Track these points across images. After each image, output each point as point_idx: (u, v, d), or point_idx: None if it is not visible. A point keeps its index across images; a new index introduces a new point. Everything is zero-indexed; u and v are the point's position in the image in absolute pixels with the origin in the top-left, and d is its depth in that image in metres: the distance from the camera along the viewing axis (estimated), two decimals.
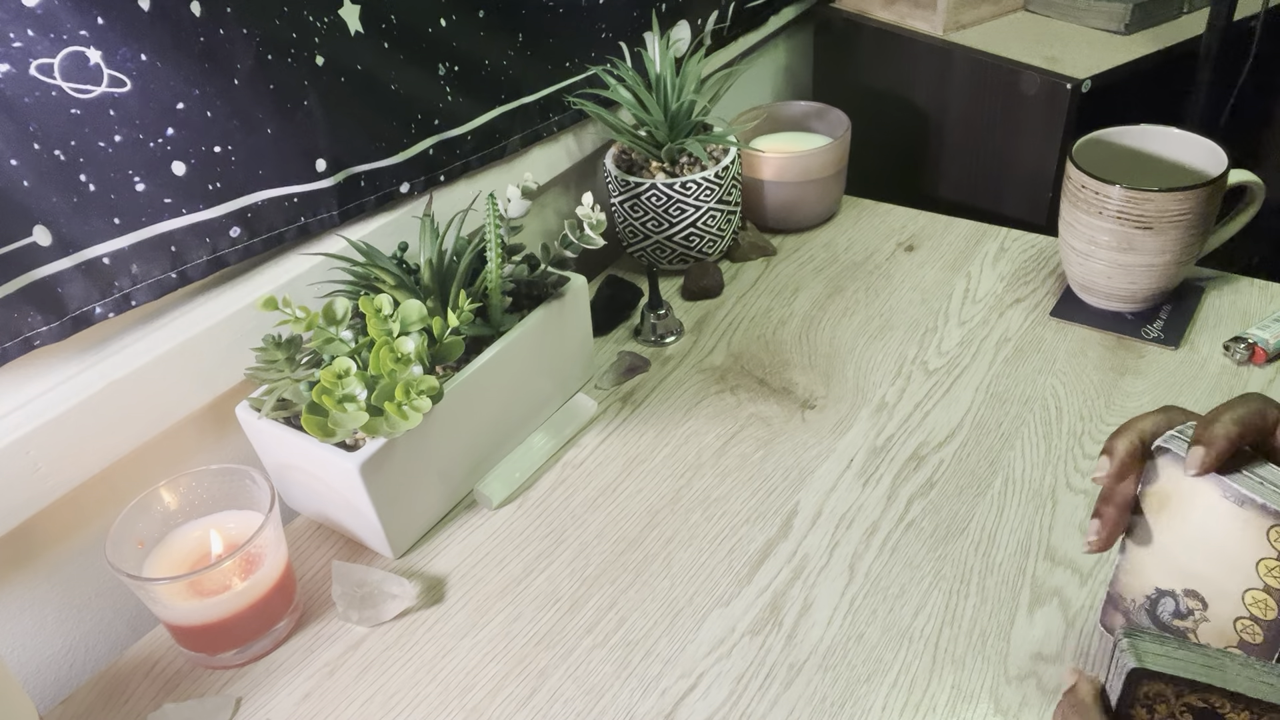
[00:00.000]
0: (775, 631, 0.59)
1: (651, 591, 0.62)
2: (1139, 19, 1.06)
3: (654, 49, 0.92)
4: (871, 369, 0.79)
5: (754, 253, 0.95)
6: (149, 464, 0.66)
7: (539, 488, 0.71)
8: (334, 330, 0.63)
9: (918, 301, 0.86)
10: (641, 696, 0.56)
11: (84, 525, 0.64)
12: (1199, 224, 0.74)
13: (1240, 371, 0.74)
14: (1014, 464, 0.68)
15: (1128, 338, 0.78)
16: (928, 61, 1.11)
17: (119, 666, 0.62)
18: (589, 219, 0.71)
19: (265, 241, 0.68)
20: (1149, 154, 0.81)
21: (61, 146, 0.56)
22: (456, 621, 0.62)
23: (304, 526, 0.70)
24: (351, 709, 0.57)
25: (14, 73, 0.54)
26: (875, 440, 0.72)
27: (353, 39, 0.69)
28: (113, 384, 0.60)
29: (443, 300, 0.68)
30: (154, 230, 0.62)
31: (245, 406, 0.65)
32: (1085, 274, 0.79)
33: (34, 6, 0.53)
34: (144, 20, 0.57)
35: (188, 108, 0.61)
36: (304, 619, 0.63)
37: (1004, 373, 0.77)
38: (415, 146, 0.76)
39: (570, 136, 0.92)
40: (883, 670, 0.56)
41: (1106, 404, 0.73)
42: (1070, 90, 0.97)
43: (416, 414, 0.60)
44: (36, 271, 0.57)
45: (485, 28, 0.80)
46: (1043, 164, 1.03)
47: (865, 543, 0.64)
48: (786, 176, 0.94)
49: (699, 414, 0.76)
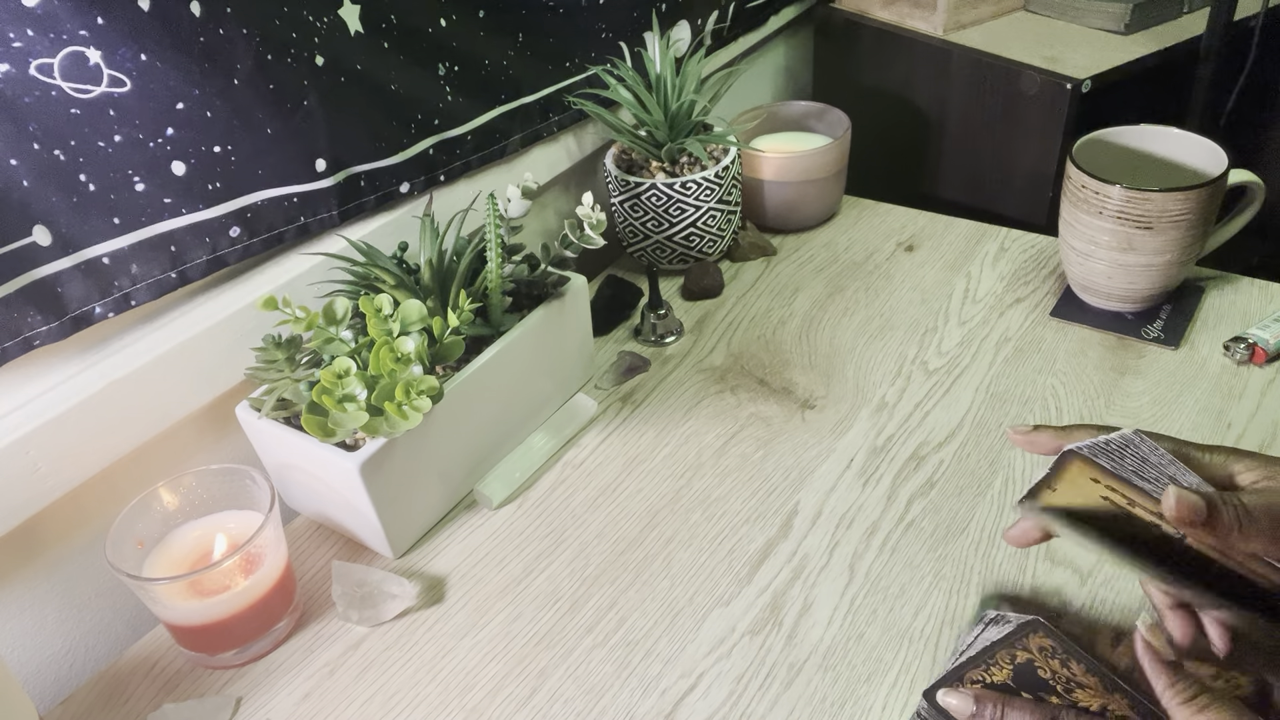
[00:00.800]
0: (775, 631, 0.59)
1: (651, 591, 0.62)
2: (1139, 19, 1.06)
3: (654, 49, 0.92)
4: (871, 369, 0.79)
5: (754, 253, 0.95)
6: (149, 464, 0.66)
7: (539, 488, 0.71)
8: (334, 330, 0.63)
9: (918, 301, 0.86)
10: (641, 696, 0.56)
11: (84, 525, 0.64)
12: (1199, 224, 0.74)
13: (1240, 371, 0.74)
14: (1014, 464, 0.68)
15: (1128, 338, 0.78)
16: (928, 61, 1.11)
17: (119, 666, 0.62)
18: (589, 219, 0.71)
19: (265, 241, 0.68)
20: (1149, 154, 0.81)
21: (61, 146, 0.56)
22: (456, 621, 0.62)
23: (304, 526, 0.70)
24: (351, 709, 0.57)
25: (14, 73, 0.54)
26: (875, 440, 0.72)
27: (353, 39, 0.69)
28: (113, 384, 0.60)
29: (443, 300, 0.68)
30: (154, 230, 0.62)
31: (245, 406, 0.65)
32: (1085, 274, 0.79)
33: (34, 6, 0.53)
34: (144, 20, 0.57)
35: (188, 108, 0.61)
36: (304, 619, 0.63)
37: (1004, 373, 0.77)
38: (415, 146, 0.76)
39: (570, 136, 0.92)
40: (883, 670, 0.56)
41: (1107, 404, 0.73)
42: (1070, 90, 0.97)
43: (416, 414, 0.60)
44: (36, 271, 0.57)
45: (485, 28, 0.80)
46: (1043, 164, 1.03)
47: (865, 543, 0.64)
48: (786, 176, 0.94)
49: (699, 414, 0.76)
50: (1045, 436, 0.47)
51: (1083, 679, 0.42)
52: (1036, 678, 0.43)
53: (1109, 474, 0.42)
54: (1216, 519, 0.39)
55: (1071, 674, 0.42)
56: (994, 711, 0.41)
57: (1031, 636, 0.43)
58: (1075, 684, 0.42)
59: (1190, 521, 0.39)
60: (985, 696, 0.42)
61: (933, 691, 0.45)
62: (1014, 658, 0.43)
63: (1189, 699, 0.38)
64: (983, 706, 0.41)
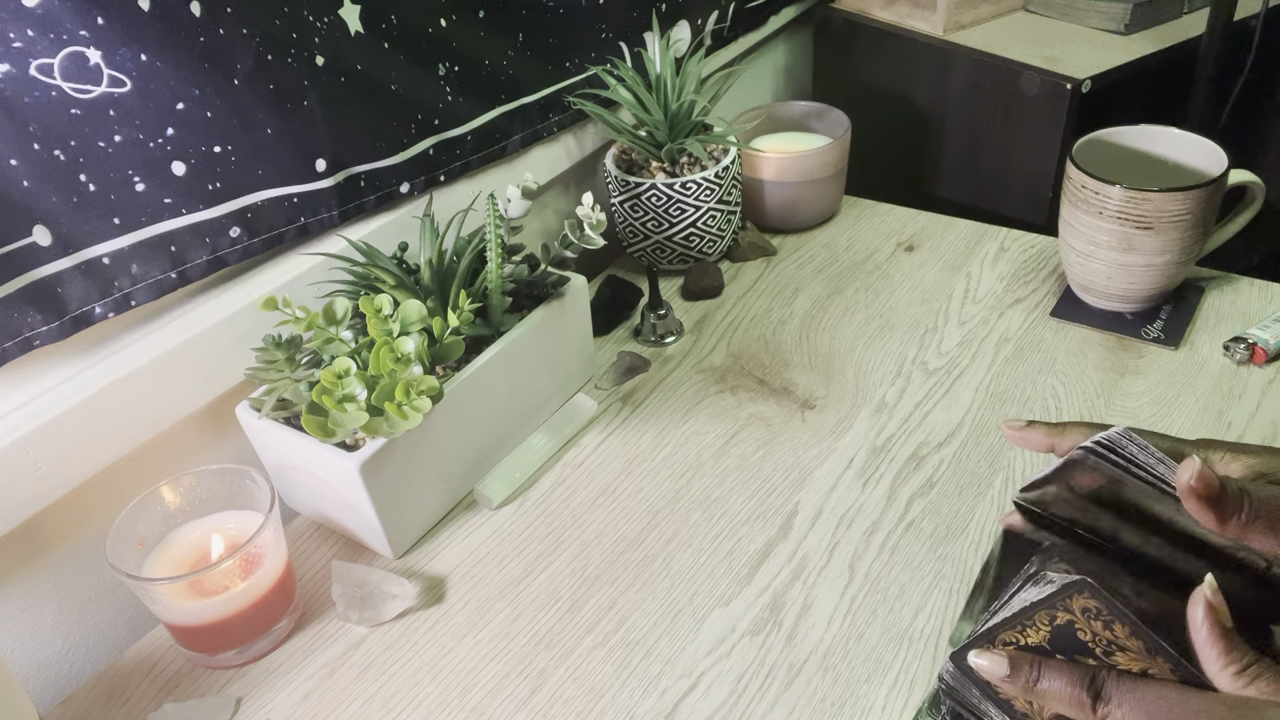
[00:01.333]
0: (775, 632, 0.59)
1: (651, 591, 0.62)
2: (1139, 19, 1.06)
3: (654, 49, 0.92)
4: (871, 369, 0.79)
5: (754, 253, 0.95)
6: (149, 464, 0.66)
7: (539, 488, 0.71)
8: (334, 330, 0.63)
9: (918, 301, 0.86)
10: (641, 696, 0.56)
11: (84, 525, 0.64)
12: (1199, 224, 0.74)
13: (1240, 371, 0.74)
14: (1014, 464, 0.68)
15: (1128, 338, 0.78)
16: (928, 61, 1.11)
17: (119, 666, 0.62)
18: (589, 219, 0.71)
19: (265, 241, 0.68)
20: (1149, 154, 0.81)
21: (61, 146, 0.56)
22: (456, 621, 0.62)
23: (304, 526, 0.70)
24: (351, 709, 0.57)
25: (14, 73, 0.54)
26: (875, 440, 0.72)
27: (353, 39, 0.69)
28: (113, 384, 0.60)
29: (443, 300, 0.68)
30: (154, 230, 0.62)
31: (245, 406, 0.65)
32: (1085, 274, 0.79)
33: (34, 6, 0.53)
34: (144, 20, 0.57)
35: (188, 108, 0.61)
36: (304, 619, 0.63)
37: (1004, 373, 0.77)
38: (415, 146, 0.76)
39: (570, 136, 0.92)
40: (883, 670, 0.56)
41: (1106, 404, 0.73)
42: (1070, 90, 0.97)
43: (416, 414, 0.60)
44: (36, 271, 0.57)
45: (485, 28, 0.80)
46: (1043, 164, 1.03)
47: (865, 543, 0.64)
48: (786, 176, 0.94)
49: (699, 414, 0.76)
50: (1038, 434, 0.47)
51: (1125, 641, 0.40)
52: (1075, 639, 0.41)
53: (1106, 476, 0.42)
54: (1225, 500, 0.38)
55: (1114, 636, 0.40)
56: (1030, 673, 0.39)
57: (1076, 597, 0.41)
58: (1116, 646, 0.40)
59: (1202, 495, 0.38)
60: (1020, 658, 0.41)
61: (962, 654, 0.43)
62: (1054, 619, 0.42)
63: (1242, 669, 0.37)
64: (1018, 667, 0.40)
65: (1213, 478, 0.38)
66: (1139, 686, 0.37)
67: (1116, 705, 0.37)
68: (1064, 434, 0.46)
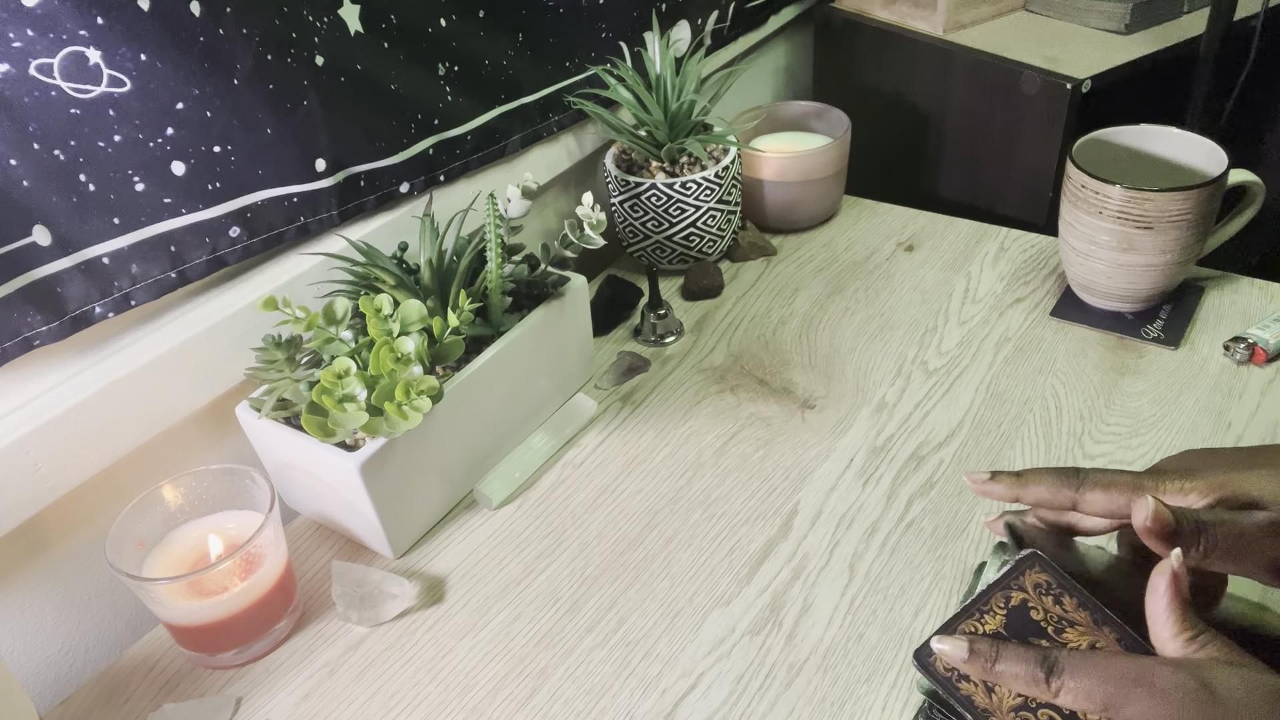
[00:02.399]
0: (775, 631, 0.59)
1: (651, 591, 0.62)
2: (1139, 19, 1.06)
3: (654, 49, 0.92)
4: (871, 369, 0.79)
5: (754, 253, 0.95)
6: (149, 464, 0.66)
7: (539, 488, 0.71)
8: (334, 330, 0.63)
9: (918, 301, 0.86)
10: (641, 696, 0.56)
11: (84, 525, 0.64)
12: (1199, 224, 0.74)
13: (1240, 371, 0.74)
14: (1014, 464, 0.68)
15: (1128, 338, 0.78)
16: (928, 61, 1.11)
17: (119, 666, 0.62)
18: (589, 219, 0.71)
19: (265, 241, 0.68)
20: (1149, 154, 0.81)
21: (61, 146, 0.56)
22: (456, 621, 0.62)
23: (304, 526, 0.70)
24: (351, 709, 0.57)
25: (14, 73, 0.54)
26: (875, 440, 0.72)
27: (353, 39, 0.69)
28: (113, 384, 0.60)
29: (443, 300, 0.68)
30: (153, 230, 0.62)
31: (245, 406, 0.65)
32: (1085, 274, 0.79)
33: (34, 6, 0.53)
34: (144, 20, 0.57)
35: (188, 108, 0.61)
36: (304, 619, 0.63)
37: (1004, 373, 0.77)
38: (415, 146, 0.76)
39: (570, 136, 0.92)
40: (883, 670, 0.56)
41: (1107, 404, 0.73)
42: (1070, 90, 0.97)
43: (416, 414, 0.60)
44: (36, 271, 0.57)
45: (485, 28, 0.80)
46: (1043, 164, 1.03)
47: (865, 543, 0.64)
48: (786, 176, 0.94)
49: (699, 414, 0.76)
50: (1001, 486, 0.48)
51: (1074, 615, 0.42)
52: (1029, 620, 0.43)
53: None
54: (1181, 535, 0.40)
55: (1064, 610, 0.43)
56: (989, 653, 0.41)
57: (1028, 573, 0.44)
58: (1066, 622, 0.42)
59: (1158, 534, 0.40)
60: (978, 640, 0.42)
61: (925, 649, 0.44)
62: (1009, 599, 0.44)
63: (1193, 636, 0.39)
64: (976, 650, 0.42)
65: (1167, 516, 0.40)
66: (1090, 656, 0.40)
67: (1070, 676, 0.39)
68: (1025, 486, 0.47)
